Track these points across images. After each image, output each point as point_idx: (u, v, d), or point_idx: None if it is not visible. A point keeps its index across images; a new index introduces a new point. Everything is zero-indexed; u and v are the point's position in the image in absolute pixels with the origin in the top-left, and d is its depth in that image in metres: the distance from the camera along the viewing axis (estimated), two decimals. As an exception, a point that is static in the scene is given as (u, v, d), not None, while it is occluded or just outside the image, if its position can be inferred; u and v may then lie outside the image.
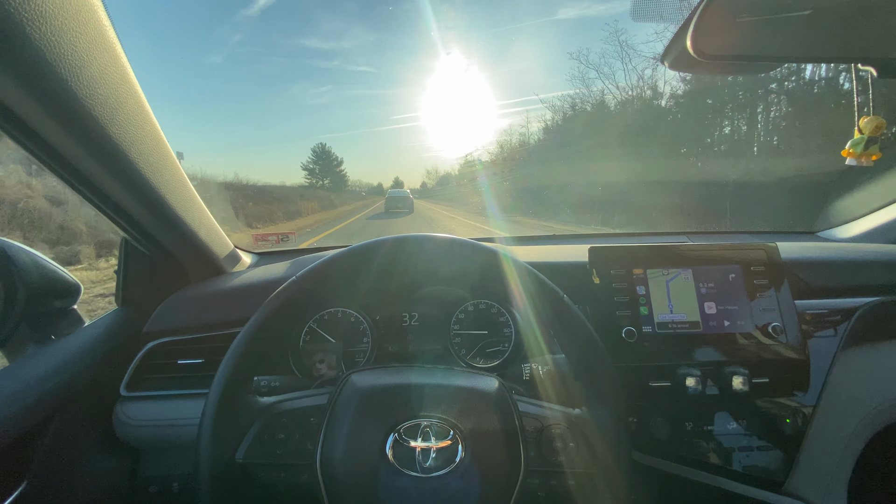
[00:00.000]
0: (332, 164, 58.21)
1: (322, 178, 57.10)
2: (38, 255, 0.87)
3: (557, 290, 0.69)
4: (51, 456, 0.78)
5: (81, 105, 0.57)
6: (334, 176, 58.43)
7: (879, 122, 0.65)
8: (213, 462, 0.56)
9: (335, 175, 58.48)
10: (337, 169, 58.64)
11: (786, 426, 0.86)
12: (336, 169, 58.58)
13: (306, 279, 0.67)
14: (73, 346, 0.87)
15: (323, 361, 1.01)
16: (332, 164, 58.24)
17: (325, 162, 57.82)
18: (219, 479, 0.57)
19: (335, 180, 58.02)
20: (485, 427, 0.59)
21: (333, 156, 58.46)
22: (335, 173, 58.64)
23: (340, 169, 59.36)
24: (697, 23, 0.55)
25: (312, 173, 57.44)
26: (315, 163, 57.95)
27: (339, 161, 58.98)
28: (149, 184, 0.77)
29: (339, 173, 59.25)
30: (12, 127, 0.58)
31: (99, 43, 0.57)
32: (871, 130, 0.66)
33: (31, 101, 0.54)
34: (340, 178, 59.30)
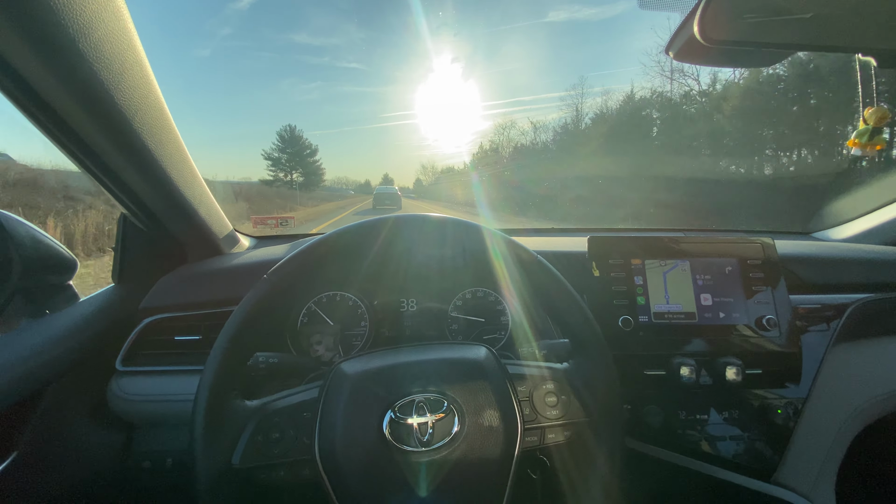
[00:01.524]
0: (304, 152, 46.79)
1: (290, 170, 45.97)
2: (35, 228, 0.86)
3: (529, 249, 0.71)
4: (42, 428, 0.78)
5: (88, 66, 0.57)
6: (306, 167, 46.83)
7: (883, 113, 0.66)
8: (210, 472, 0.55)
9: (308, 167, 46.92)
10: (310, 159, 47.32)
11: (777, 417, 0.87)
12: (309, 159, 47.23)
13: (277, 273, 0.65)
14: (67, 320, 0.86)
15: (321, 343, 1.01)
16: (304, 154, 46.80)
17: (294, 150, 46.58)
18: (218, 488, 0.56)
19: (308, 174, 46.94)
20: (478, 394, 0.60)
21: (305, 142, 47.37)
22: (308, 164, 46.94)
23: (315, 160, 48.03)
24: (705, 7, 0.56)
25: (278, 164, 45.92)
26: (281, 150, 46.43)
27: (312, 149, 47.62)
28: (151, 156, 0.76)
29: (313, 164, 47.78)
30: (16, 89, 0.57)
31: (108, 7, 0.57)
32: (875, 121, 0.67)
33: (38, 60, 0.53)
34: (314, 170, 47.99)
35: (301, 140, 48.12)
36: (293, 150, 47.04)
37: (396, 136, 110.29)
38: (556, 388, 0.66)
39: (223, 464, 0.57)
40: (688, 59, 0.70)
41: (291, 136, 48.00)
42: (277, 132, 48.54)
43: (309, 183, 46.38)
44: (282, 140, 47.71)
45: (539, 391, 0.65)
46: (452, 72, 76.41)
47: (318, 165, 49.11)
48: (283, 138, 47.79)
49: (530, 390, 0.65)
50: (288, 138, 47.73)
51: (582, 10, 75.22)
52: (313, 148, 48.45)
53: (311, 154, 48.36)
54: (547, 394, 0.65)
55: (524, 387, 0.65)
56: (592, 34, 75.66)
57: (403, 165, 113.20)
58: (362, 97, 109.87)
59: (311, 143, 48.25)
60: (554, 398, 0.65)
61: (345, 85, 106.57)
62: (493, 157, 28.80)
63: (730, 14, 0.56)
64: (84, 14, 0.53)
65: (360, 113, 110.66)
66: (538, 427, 0.63)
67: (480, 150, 34.60)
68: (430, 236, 0.73)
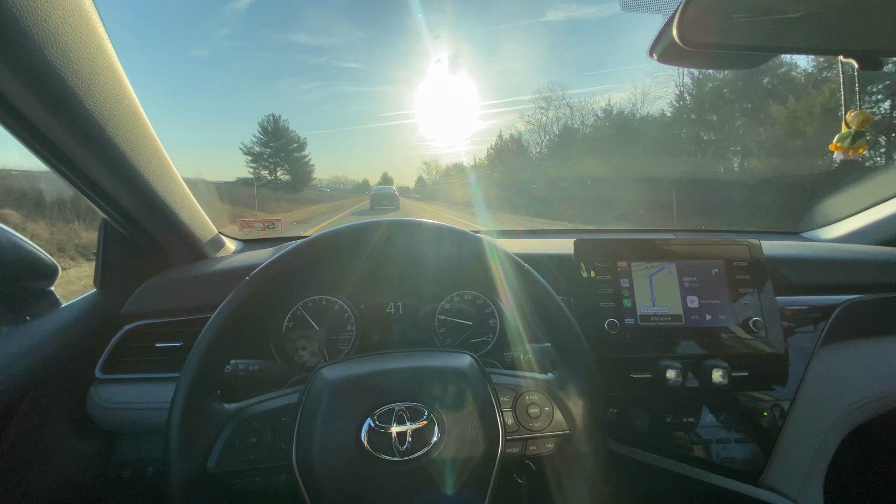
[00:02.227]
0: (291, 146, 40.33)
1: (273, 167, 39.91)
2: (14, 234, 0.85)
3: (524, 263, 0.69)
4: (21, 436, 0.77)
5: (55, 72, 0.56)
6: (293, 163, 40.58)
7: (866, 117, 0.65)
8: (183, 474, 0.54)
9: (295, 163, 40.65)
10: (297, 154, 40.96)
11: (763, 420, 0.87)
12: (296, 154, 40.82)
13: (259, 276, 0.64)
14: (47, 327, 0.85)
15: (305, 348, 1.00)
16: (291, 148, 40.34)
17: (279, 143, 40.09)
18: (191, 491, 0.55)
19: (295, 171, 40.69)
20: (459, 403, 0.59)
21: (291, 135, 40.93)
22: (294, 160, 40.62)
23: (303, 155, 41.66)
24: (683, 11, 0.55)
25: (259, 159, 39.75)
26: (264, 144, 39.77)
27: (300, 143, 41.17)
28: (127, 162, 0.75)
29: (301, 160, 41.29)
30: None
31: (75, 11, 0.56)
32: (857, 125, 0.66)
33: (4, 67, 0.52)
34: (302, 167, 41.51)
35: (287, 132, 41.71)
36: (278, 144, 40.94)
37: (395, 135, 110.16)
38: (540, 399, 0.65)
39: (198, 467, 0.56)
40: (671, 62, 0.69)
41: (275, 128, 41.23)
42: (259, 123, 41.83)
43: (297, 181, 41.06)
44: (264, 132, 40.94)
45: (522, 401, 0.64)
46: (451, 71, 76.29)
47: (306, 161, 42.86)
48: (265, 130, 41.00)
49: (514, 400, 0.64)
50: (272, 130, 41.12)
51: (580, 8, 75.39)
52: (301, 141, 42.19)
53: (298, 148, 42.05)
54: (530, 405, 0.64)
55: (507, 397, 0.64)
56: (591, 33, 75.75)
57: (403, 165, 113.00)
58: (361, 97, 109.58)
59: (298, 137, 42.16)
60: (537, 409, 0.64)
61: (344, 85, 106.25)
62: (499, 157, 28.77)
63: (709, 19, 0.55)
64: (50, 21, 0.52)
65: (359, 112, 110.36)
66: (520, 438, 0.62)
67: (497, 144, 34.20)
68: (421, 242, 0.72)
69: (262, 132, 41.15)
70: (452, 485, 0.56)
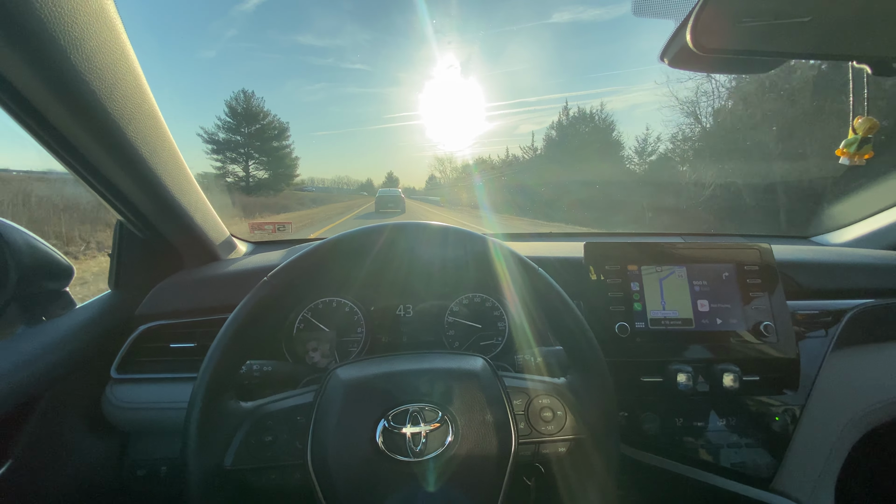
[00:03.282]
0: (268, 133, 30.23)
1: (245, 160, 29.61)
2: (31, 235, 0.86)
3: (532, 264, 0.69)
4: (37, 436, 0.78)
5: (80, 77, 0.57)
6: (271, 156, 30.58)
7: (873, 123, 0.66)
8: (201, 471, 0.55)
9: (273, 154, 30.55)
10: (276, 143, 30.61)
11: (775, 424, 0.87)
12: (274, 143, 30.58)
13: (277, 277, 0.64)
14: (63, 327, 0.86)
15: (316, 350, 1.01)
16: (268, 135, 30.20)
17: (252, 129, 29.98)
18: (209, 488, 0.56)
19: (274, 165, 30.68)
20: (473, 406, 0.60)
21: (269, 118, 30.58)
22: (273, 151, 30.48)
23: (284, 144, 31.21)
24: (698, 16, 0.56)
25: (225, 148, 29.18)
26: (232, 130, 29.63)
27: (281, 129, 30.91)
28: (146, 164, 0.76)
29: (281, 151, 31.05)
30: (10, 100, 0.58)
31: (100, 17, 0.57)
32: (864, 131, 0.67)
33: (31, 72, 0.53)
34: (282, 159, 31.31)
35: (263, 115, 30.50)
36: (251, 130, 30.17)
37: (401, 136, 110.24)
38: (552, 402, 0.65)
39: (215, 464, 0.57)
40: (682, 66, 0.70)
41: (247, 109, 29.97)
42: (227, 101, 29.79)
43: (276, 179, 31.03)
44: (232, 114, 29.56)
45: (535, 405, 0.65)
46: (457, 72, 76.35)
47: (287, 152, 31.76)
48: (234, 112, 29.54)
49: (526, 404, 0.65)
50: (242, 112, 29.88)
51: (586, 10, 75.46)
52: (282, 127, 31.09)
53: (278, 135, 30.93)
54: (542, 408, 0.64)
55: (520, 400, 0.65)
56: (597, 35, 75.71)
57: (409, 165, 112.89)
58: (366, 98, 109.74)
59: (279, 120, 31.24)
60: (550, 413, 0.64)
61: (349, 86, 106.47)
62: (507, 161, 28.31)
63: (722, 24, 0.56)
64: (75, 26, 0.53)
65: (365, 114, 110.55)
66: (532, 441, 0.63)
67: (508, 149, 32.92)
68: (431, 244, 0.72)
69: (229, 114, 29.85)
70: (466, 486, 0.56)
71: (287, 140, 31.99)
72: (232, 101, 30.61)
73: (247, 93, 30.98)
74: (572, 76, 73.23)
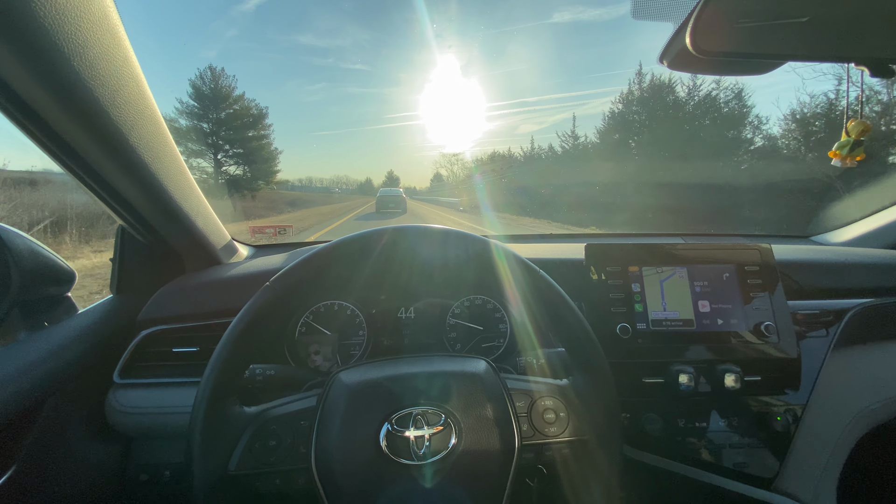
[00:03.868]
0: (241, 121, 24.63)
1: (213, 151, 23.96)
2: (33, 241, 0.86)
3: (534, 266, 0.69)
4: (41, 441, 0.78)
5: (83, 84, 0.57)
6: (247, 147, 24.78)
7: (865, 126, 0.66)
8: (205, 475, 0.55)
9: (248, 145, 24.85)
10: (248, 133, 24.93)
11: (776, 424, 0.87)
12: (249, 132, 24.96)
13: (280, 281, 0.64)
14: (65, 332, 0.87)
15: (318, 353, 1.01)
16: (240, 123, 24.58)
17: (222, 114, 24.18)
18: (213, 493, 0.56)
19: (249, 159, 24.92)
20: (476, 409, 0.60)
21: (242, 101, 24.89)
22: (244, 140, 24.75)
23: (260, 134, 25.46)
24: (697, 19, 0.56)
25: (187, 139, 22.66)
26: (198, 115, 23.86)
27: (258, 114, 25.23)
28: (148, 170, 0.77)
29: (257, 142, 25.28)
30: (13, 107, 0.58)
31: (103, 24, 0.57)
32: (857, 133, 0.67)
33: (34, 80, 0.54)
34: (259, 151, 25.24)
35: (233, 95, 24.50)
36: (220, 115, 24.23)
37: (401, 136, 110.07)
38: (555, 404, 0.65)
39: (220, 469, 0.57)
40: (681, 68, 0.70)
41: (215, 90, 24.09)
42: (191, 81, 24.09)
43: (253, 175, 25.33)
44: (197, 95, 23.79)
45: (538, 407, 0.65)
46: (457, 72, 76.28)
47: (266, 143, 25.82)
48: (198, 93, 23.79)
49: (529, 405, 0.65)
50: (209, 93, 24.02)
51: (586, 10, 75.49)
52: (259, 112, 25.35)
53: (254, 122, 25.12)
54: (545, 410, 0.65)
55: (523, 402, 0.65)
56: (597, 35, 75.70)
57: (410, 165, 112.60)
58: (367, 98, 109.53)
59: (256, 104, 25.48)
60: (552, 415, 0.64)
61: (349, 86, 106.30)
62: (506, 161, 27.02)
63: (721, 26, 0.56)
64: (79, 34, 0.53)
65: (365, 114, 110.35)
66: (536, 443, 0.63)
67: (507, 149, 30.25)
68: (430, 246, 0.72)
69: (194, 96, 23.66)
70: (469, 489, 0.56)
71: (266, 129, 25.99)
72: (197, 81, 23.96)
73: (214, 70, 24.40)
74: (572, 76, 73.23)
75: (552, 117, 62.23)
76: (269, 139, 26.42)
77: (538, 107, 60.67)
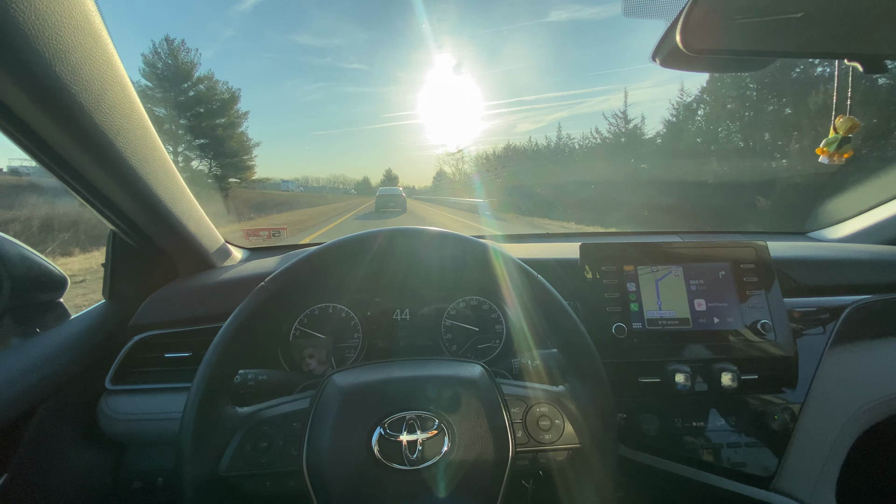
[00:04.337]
0: (206, 102, 20.17)
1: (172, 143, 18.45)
2: (24, 247, 0.86)
3: (531, 270, 0.68)
4: (33, 449, 0.77)
5: (66, 89, 0.57)
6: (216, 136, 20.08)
7: (853, 123, 0.66)
8: (195, 477, 0.55)
9: (216, 133, 20.18)
10: (216, 121, 20.39)
11: (774, 423, 0.87)
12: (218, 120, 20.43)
13: (275, 282, 0.64)
14: (57, 338, 0.86)
15: (313, 356, 1.01)
16: (206, 106, 20.16)
17: (182, 97, 19.73)
18: (203, 494, 0.55)
19: (217, 152, 20.11)
20: (470, 414, 0.59)
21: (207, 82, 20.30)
22: (210, 129, 20.08)
23: (231, 120, 20.79)
24: (686, 17, 0.55)
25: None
26: (153, 99, 18.83)
27: (227, 98, 20.76)
28: (136, 174, 0.76)
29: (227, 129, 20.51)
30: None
31: (84, 29, 0.56)
32: (845, 130, 0.67)
33: (14, 85, 0.53)
34: (225, 144, 20.22)
35: (195, 74, 20.16)
36: (181, 98, 20.01)
37: (399, 136, 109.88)
38: (551, 411, 0.64)
39: (210, 470, 0.56)
40: (673, 66, 0.70)
41: (175, 67, 19.71)
42: (144, 56, 19.45)
43: (224, 173, 20.59)
44: (152, 74, 19.45)
45: (533, 413, 0.64)
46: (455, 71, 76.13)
47: (240, 133, 21.22)
48: (153, 70, 19.43)
49: (524, 412, 0.64)
50: (167, 70, 19.62)
51: (583, 9, 75.46)
52: (231, 96, 21.01)
53: (223, 108, 20.84)
54: (541, 417, 0.64)
55: (518, 408, 0.64)
56: (594, 34, 75.69)
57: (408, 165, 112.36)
58: (365, 97, 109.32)
59: (227, 86, 21.04)
60: (548, 422, 0.64)
61: (347, 85, 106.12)
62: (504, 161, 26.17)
63: (711, 24, 0.55)
64: (60, 39, 0.53)
65: (363, 113, 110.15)
66: (530, 450, 0.62)
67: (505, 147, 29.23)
68: (426, 248, 0.72)
69: (147, 72, 19.24)
70: (462, 495, 0.56)
71: (239, 116, 21.03)
72: (151, 56, 18.90)
73: (172, 42, 19.35)
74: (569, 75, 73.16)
75: (549, 116, 62.20)
76: (241, 125, 21.53)
77: (535, 105, 60.61)
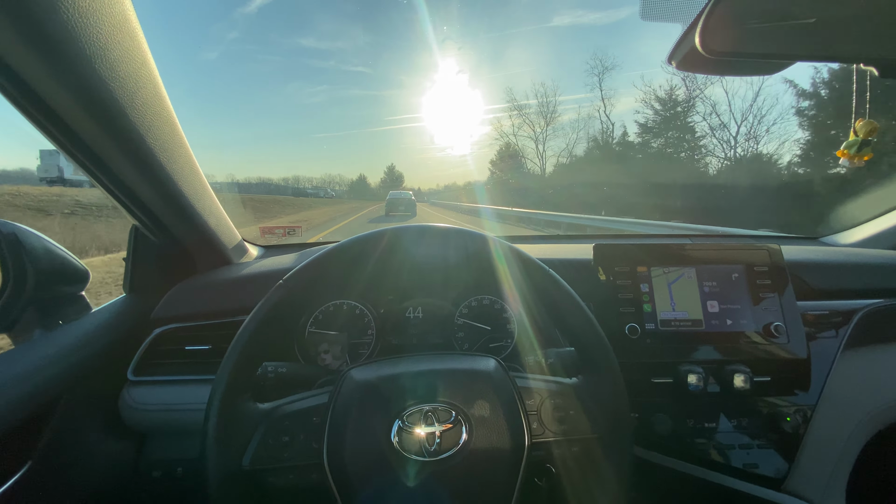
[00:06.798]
0: None
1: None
2: (49, 241, 0.88)
3: (541, 263, 0.69)
4: (56, 438, 0.79)
5: (104, 86, 0.59)
6: None
7: (873, 126, 0.66)
8: (220, 470, 0.56)
9: None
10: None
11: (786, 425, 0.87)
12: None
13: (293, 279, 0.65)
14: (80, 330, 0.88)
15: (328, 352, 1.02)
16: None
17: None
18: (228, 488, 0.57)
19: None
20: (486, 406, 0.60)
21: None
22: None
23: None
24: (706, 19, 0.56)
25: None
26: None
27: None
28: (163, 170, 0.78)
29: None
30: (33, 107, 0.59)
31: (123, 27, 0.58)
32: (865, 133, 0.67)
33: (56, 81, 0.55)
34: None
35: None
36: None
37: (403, 138, 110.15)
38: (565, 403, 0.65)
39: (234, 464, 0.57)
40: (690, 69, 0.70)
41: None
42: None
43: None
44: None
45: (547, 405, 0.65)
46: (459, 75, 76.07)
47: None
48: None
49: (538, 404, 0.65)
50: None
51: (586, 14, 75.30)
52: None
53: None
54: (555, 408, 0.64)
55: (532, 400, 0.65)
56: (597, 38, 75.53)
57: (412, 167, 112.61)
58: (367, 100, 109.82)
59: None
60: (562, 413, 0.64)
61: (351, 88, 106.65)
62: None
63: (730, 26, 0.56)
64: (100, 36, 0.54)
65: (365, 116, 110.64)
66: (545, 441, 0.63)
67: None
68: (436, 246, 0.73)
69: None
70: (480, 485, 0.57)
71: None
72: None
73: None
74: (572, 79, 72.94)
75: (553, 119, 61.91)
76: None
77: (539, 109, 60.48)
